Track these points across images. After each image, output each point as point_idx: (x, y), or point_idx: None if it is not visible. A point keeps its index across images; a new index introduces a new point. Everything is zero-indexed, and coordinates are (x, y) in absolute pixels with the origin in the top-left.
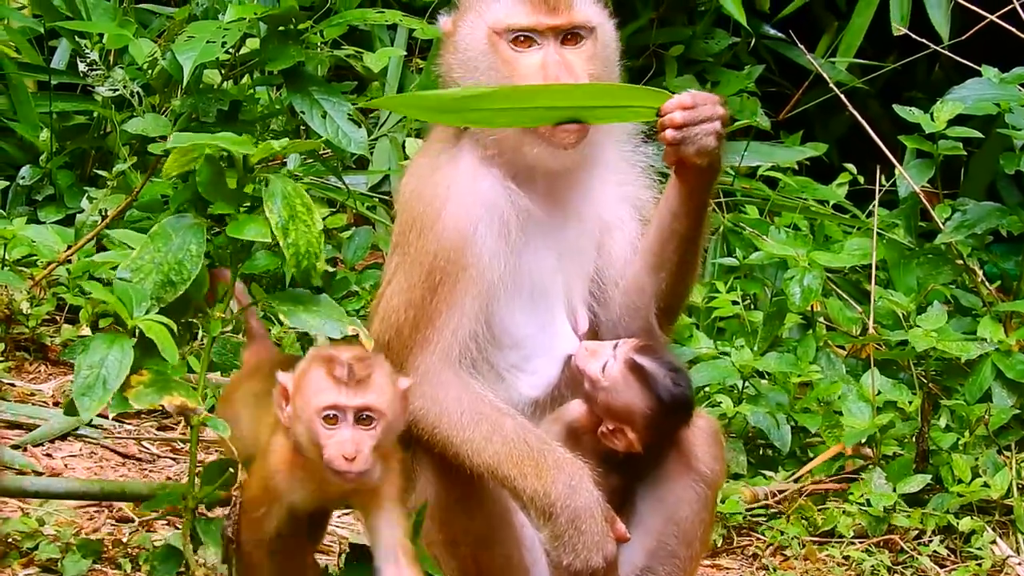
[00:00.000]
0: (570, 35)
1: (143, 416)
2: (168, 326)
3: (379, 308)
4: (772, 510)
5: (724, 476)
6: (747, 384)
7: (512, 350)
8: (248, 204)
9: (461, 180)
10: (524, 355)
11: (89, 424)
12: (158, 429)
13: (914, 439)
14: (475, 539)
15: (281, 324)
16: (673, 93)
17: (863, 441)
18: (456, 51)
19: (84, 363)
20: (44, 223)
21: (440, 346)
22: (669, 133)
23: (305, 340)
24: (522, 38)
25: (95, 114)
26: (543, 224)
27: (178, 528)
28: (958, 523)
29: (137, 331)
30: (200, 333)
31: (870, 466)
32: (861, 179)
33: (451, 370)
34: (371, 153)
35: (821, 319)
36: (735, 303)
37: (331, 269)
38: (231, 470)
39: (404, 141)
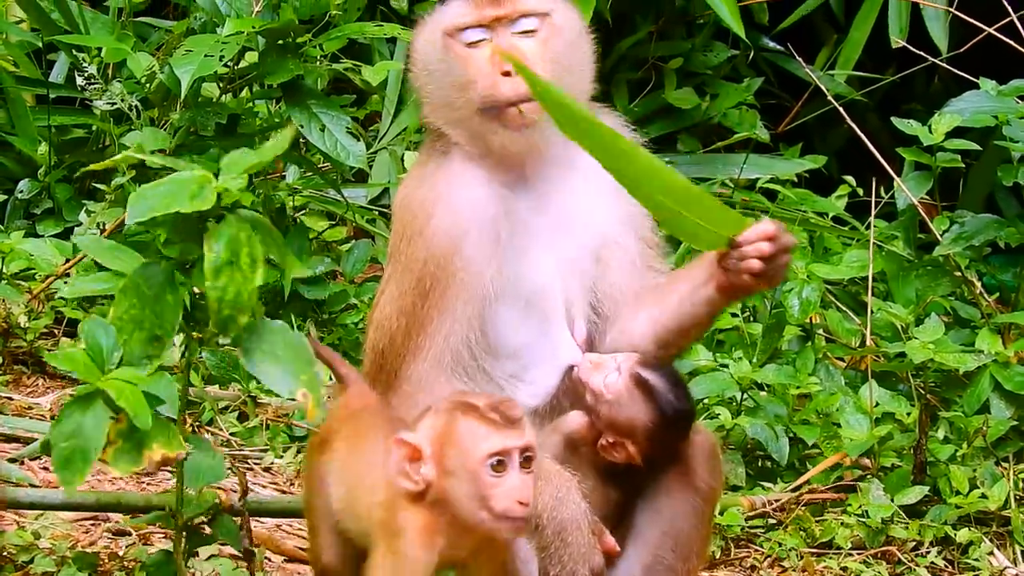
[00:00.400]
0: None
1: None
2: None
3: (373, 317)
4: (770, 521)
5: (721, 491)
6: (746, 396)
7: (510, 360)
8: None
9: (450, 185)
10: (522, 364)
11: None
12: None
13: (912, 451)
14: None
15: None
16: (745, 215)
17: (861, 453)
18: (416, 60)
19: (60, 435)
20: (42, 236)
21: (432, 352)
22: (755, 264)
23: None
24: (475, 36)
25: (93, 128)
26: (539, 230)
27: None
28: (956, 534)
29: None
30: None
31: (868, 477)
32: (860, 191)
33: (443, 377)
34: (370, 166)
35: (820, 331)
36: (734, 315)
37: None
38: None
39: (403, 154)
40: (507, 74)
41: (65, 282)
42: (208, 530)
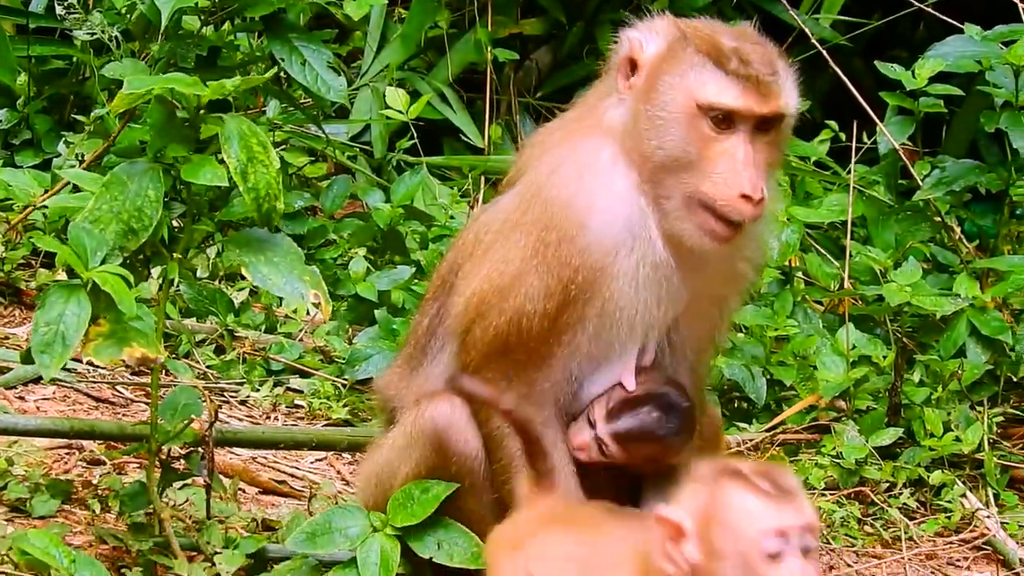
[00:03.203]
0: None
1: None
2: (124, 277)
3: (506, 304)
4: None
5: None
6: None
7: (591, 380)
8: (202, 146)
9: (611, 197)
10: (595, 384)
11: (62, 367)
12: (132, 373)
13: (887, 393)
14: None
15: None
16: None
17: (836, 394)
18: (647, 72)
19: (41, 319)
20: (21, 167)
21: (559, 362)
22: None
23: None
24: (722, 119)
25: (73, 59)
26: (668, 278)
27: None
28: (929, 476)
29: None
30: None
31: (843, 419)
32: (843, 136)
33: (559, 388)
34: (351, 103)
35: (799, 274)
36: None
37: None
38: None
39: (385, 91)
40: (748, 198)
41: (44, 214)
42: (183, 463)
